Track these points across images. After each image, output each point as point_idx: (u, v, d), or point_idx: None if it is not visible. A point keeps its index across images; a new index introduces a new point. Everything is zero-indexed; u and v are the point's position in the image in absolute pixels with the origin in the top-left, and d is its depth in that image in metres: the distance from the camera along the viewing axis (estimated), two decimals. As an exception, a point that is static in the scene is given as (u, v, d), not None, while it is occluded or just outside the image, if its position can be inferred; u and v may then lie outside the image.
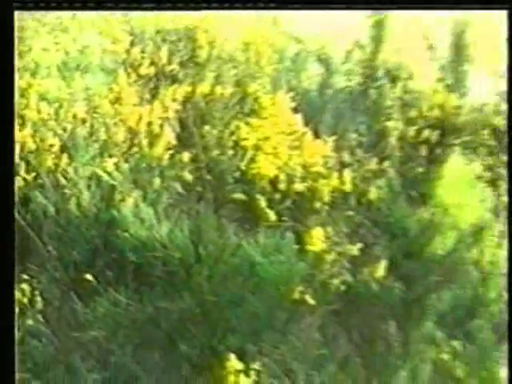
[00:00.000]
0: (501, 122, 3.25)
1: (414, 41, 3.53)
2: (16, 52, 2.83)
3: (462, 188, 3.48)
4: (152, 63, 3.19)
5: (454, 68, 3.44)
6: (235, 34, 3.28)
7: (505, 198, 3.48)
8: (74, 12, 2.98)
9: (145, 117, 3.10)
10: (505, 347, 3.36)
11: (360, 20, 3.51)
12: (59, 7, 2.84)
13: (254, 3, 2.74)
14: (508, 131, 2.96)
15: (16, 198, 2.95)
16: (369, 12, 3.77)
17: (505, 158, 3.42)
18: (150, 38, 3.17)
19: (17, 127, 3.15)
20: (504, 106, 3.39)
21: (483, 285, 3.42)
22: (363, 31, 3.52)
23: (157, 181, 3.05)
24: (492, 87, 3.36)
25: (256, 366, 2.90)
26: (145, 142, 3.08)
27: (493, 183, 3.41)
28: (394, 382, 3.26)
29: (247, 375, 2.87)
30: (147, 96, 3.18)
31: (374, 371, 3.23)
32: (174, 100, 3.14)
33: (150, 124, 3.10)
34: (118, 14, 3.35)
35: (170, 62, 3.20)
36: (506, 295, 3.36)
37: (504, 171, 3.36)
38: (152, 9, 2.78)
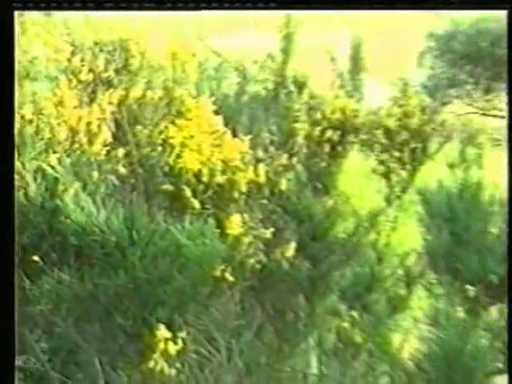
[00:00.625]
0: (392, 123, 3.37)
1: (319, 54, 3.60)
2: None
3: (359, 180, 3.59)
4: (90, 70, 3.18)
5: (352, 77, 3.52)
6: (164, 46, 3.25)
7: (397, 189, 3.64)
8: (72, 12, 2.83)
9: (84, 118, 3.08)
10: (398, 317, 3.53)
11: (272, 35, 3.58)
12: (59, 7, 2.72)
13: (253, 3, 2.72)
14: (508, 131, 3.02)
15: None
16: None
17: (397, 154, 3.57)
18: (88, 48, 3.14)
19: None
20: (396, 110, 3.54)
21: (379, 264, 3.50)
22: (275, 45, 3.58)
23: (95, 174, 3.04)
24: (385, 93, 3.48)
25: (182, 334, 2.95)
26: (84, 139, 3.08)
27: (386, 176, 3.53)
28: (303, 347, 3.40)
29: (175, 343, 2.91)
30: (86, 99, 3.17)
31: (285, 338, 3.28)
32: (110, 103, 3.14)
33: (89, 124, 3.08)
34: (60, 27, 3.36)
35: (106, 70, 3.20)
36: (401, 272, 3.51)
37: (396, 165, 3.51)
38: (152, 9, 2.72)
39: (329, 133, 3.41)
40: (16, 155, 2.99)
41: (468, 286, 3.27)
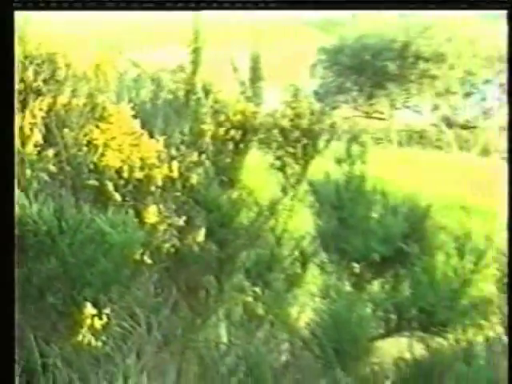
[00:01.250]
0: (286, 123, 3.50)
1: (223, 65, 3.70)
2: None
3: (260, 173, 3.69)
4: (22, 81, 3.17)
5: (251, 84, 3.63)
6: (87, 58, 3.30)
7: (292, 181, 3.76)
8: (72, 12, 2.70)
9: (18, 122, 3.10)
10: (295, 292, 3.66)
11: (182, 49, 3.64)
12: (59, 7, 2.60)
13: (254, 3, 2.66)
14: (508, 131, 3.07)
15: None
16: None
17: (291, 150, 3.69)
18: (20, 61, 3.13)
19: None
20: (289, 112, 3.66)
21: (278, 246, 3.58)
22: (185, 57, 3.64)
23: (28, 172, 3.09)
24: (279, 98, 3.59)
25: (107, 311, 3.01)
26: (18, 142, 3.11)
27: (282, 169, 3.63)
28: (213, 320, 3.48)
29: (100, 318, 2.96)
30: (19, 106, 3.16)
31: (198, 313, 3.39)
32: (40, 109, 3.17)
33: (22, 128, 3.12)
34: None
35: (35, 80, 3.19)
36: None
37: (290, 160, 3.62)
38: (152, 9, 2.63)
39: (232, 132, 3.49)
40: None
41: (354, 264, 3.44)
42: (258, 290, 3.44)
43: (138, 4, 2.68)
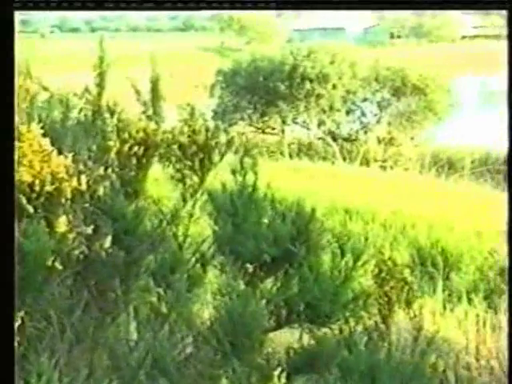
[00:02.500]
0: (185, 139, 3.51)
1: (126, 87, 3.70)
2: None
3: (161, 185, 3.71)
4: None
5: (152, 104, 3.65)
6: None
7: (191, 191, 3.77)
8: (72, 12, 2.55)
9: None
10: (196, 291, 3.67)
11: (89, 73, 3.63)
12: (59, 7, 2.56)
13: (253, 3, 2.51)
14: (508, 132, 3.04)
15: None
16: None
17: (189, 163, 3.70)
18: None
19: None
20: (186, 129, 3.66)
21: (180, 250, 3.60)
22: (91, 80, 3.63)
23: None
24: (177, 117, 3.60)
25: (21, 314, 2.97)
26: None
27: (182, 181, 3.63)
28: (122, 318, 3.49)
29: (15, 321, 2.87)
30: None
31: (108, 313, 3.36)
32: None
33: None
34: None
35: None
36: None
37: (189, 172, 3.64)
38: (152, 9, 2.50)
39: (135, 148, 3.47)
40: None
41: (247, 265, 3.46)
42: (161, 290, 3.42)
43: (137, 4, 2.60)
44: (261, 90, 22.30)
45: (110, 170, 3.43)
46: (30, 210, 3.17)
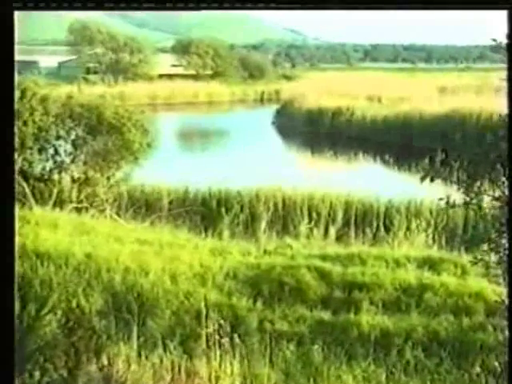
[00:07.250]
0: None
1: None
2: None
3: None
4: None
5: None
6: None
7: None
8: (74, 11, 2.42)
9: None
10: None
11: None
12: (59, 7, 2.29)
13: (253, 3, 2.42)
14: (508, 132, 2.87)
15: None
16: None
17: None
18: None
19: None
20: None
21: None
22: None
23: None
24: None
25: None
26: None
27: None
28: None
29: None
30: None
31: None
32: None
33: None
34: None
35: None
36: None
37: None
38: (152, 9, 2.38)
39: None
40: None
41: None
42: None
43: (137, 4, 2.66)
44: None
45: None
46: None
